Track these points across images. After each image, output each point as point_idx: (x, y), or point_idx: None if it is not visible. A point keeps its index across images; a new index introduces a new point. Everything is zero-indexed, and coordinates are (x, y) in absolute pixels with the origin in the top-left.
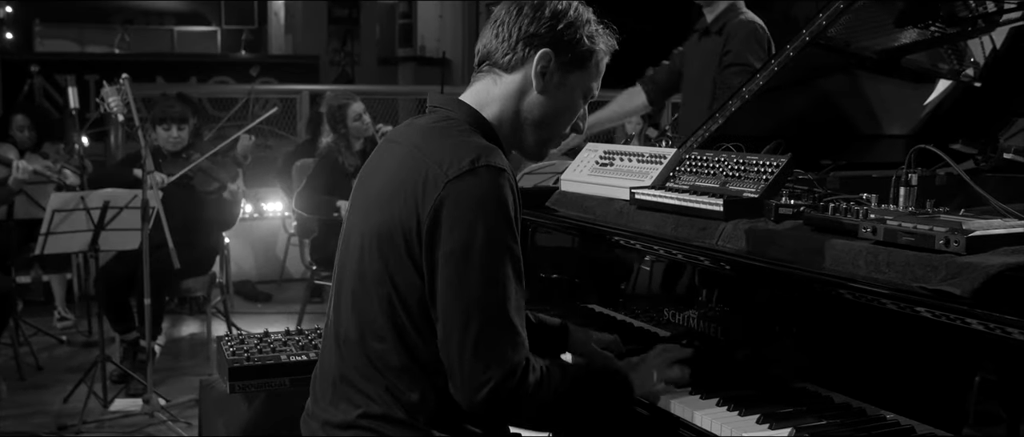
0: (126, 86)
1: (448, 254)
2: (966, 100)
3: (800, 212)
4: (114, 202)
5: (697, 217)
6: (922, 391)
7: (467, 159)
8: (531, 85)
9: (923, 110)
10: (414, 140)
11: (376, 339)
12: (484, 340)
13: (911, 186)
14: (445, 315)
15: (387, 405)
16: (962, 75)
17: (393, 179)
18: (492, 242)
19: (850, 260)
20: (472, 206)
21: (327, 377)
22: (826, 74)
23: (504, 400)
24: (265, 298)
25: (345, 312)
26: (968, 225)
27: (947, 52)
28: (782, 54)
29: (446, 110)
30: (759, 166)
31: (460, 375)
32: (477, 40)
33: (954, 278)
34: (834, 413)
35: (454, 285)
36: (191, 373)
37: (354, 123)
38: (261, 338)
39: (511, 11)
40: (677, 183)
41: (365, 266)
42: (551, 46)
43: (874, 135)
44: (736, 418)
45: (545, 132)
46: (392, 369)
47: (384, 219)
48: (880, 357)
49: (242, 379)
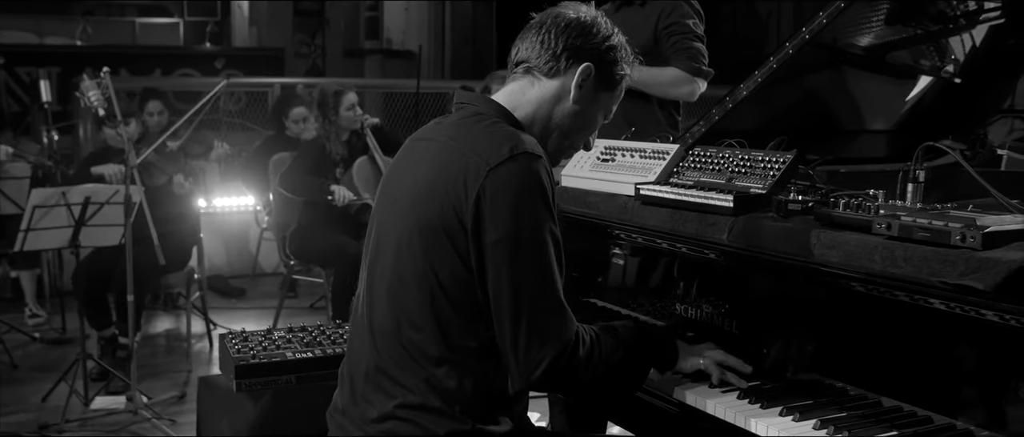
0: (107, 80)
1: (495, 243)
2: (945, 96)
3: (808, 208)
4: (95, 197)
5: (707, 213)
6: (935, 382)
7: (506, 147)
8: (568, 94)
9: (904, 106)
10: (448, 135)
11: (413, 329)
12: (536, 322)
13: (919, 182)
14: (497, 302)
15: (424, 394)
16: (942, 72)
17: (431, 174)
18: (535, 227)
19: (865, 255)
20: (514, 194)
21: (359, 369)
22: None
23: (558, 375)
24: (239, 293)
25: (380, 306)
26: (982, 221)
27: (929, 49)
28: (781, 52)
29: (475, 106)
30: (765, 162)
31: (515, 357)
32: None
33: (975, 273)
34: (853, 404)
35: (503, 273)
36: (170, 370)
37: (346, 112)
38: (265, 335)
39: (558, 23)
40: (682, 179)
41: (404, 263)
42: (594, 62)
43: (857, 130)
44: (755, 408)
45: (567, 141)
46: (430, 358)
47: (425, 214)
48: (891, 349)
49: (248, 377)
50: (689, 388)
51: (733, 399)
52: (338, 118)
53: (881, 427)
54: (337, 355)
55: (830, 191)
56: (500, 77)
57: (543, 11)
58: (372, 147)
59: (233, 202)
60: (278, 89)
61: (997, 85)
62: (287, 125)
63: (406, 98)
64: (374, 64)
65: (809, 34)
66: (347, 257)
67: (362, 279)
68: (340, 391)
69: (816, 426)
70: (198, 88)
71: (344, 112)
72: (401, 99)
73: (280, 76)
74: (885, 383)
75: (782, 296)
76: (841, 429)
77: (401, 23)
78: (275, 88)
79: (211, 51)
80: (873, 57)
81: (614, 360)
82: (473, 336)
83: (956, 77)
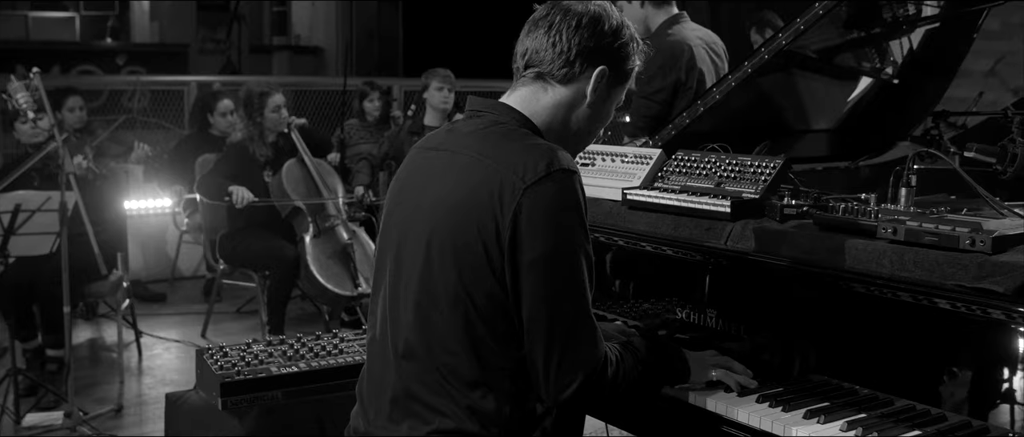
0: (37, 80)
1: (531, 262)
2: (883, 96)
3: (804, 212)
4: (26, 205)
5: (702, 218)
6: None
7: (542, 164)
8: (584, 99)
9: (846, 106)
10: (474, 147)
11: (447, 352)
12: (569, 343)
13: (911, 187)
14: (531, 321)
15: (460, 419)
16: (882, 73)
17: (462, 190)
18: (571, 247)
19: (873, 259)
20: (552, 212)
21: (383, 394)
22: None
23: (587, 396)
24: (159, 298)
25: (405, 326)
26: (987, 225)
27: (871, 52)
28: (756, 57)
29: (493, 114)
30: (756, 167)
31: (545, 377)
32: (519, 42)
33: (993, 277)
34: (869, 405)
35: (538, 292)
36: (100, 382)
37: (271, 114)
38: (244, 349)
39: (569, 21)
40: (667, 183)
41: (434, 278)
42: (607, 63)
43: (803, 130)
44: (780, 414)
45: (585, 140)
46: (465, 382)
47: (459, 231)
48: (897, 349)
49: (234, 394)
50: (709, 395)
51: (755, 404)
52: (263, 120)
53: (903, 427)
54: (323, 369)
55: (821, 195)
56: (441, 75)
57: (550, 5)
58: (301, 149)
59: (149, 204)
60: (194, 87)
61: (930, 86)
62: (212, 121)
63: (319, 96)
64: (282, 60)
65: (786, 40)
66: (283, 261)
67: (380, 297)
68: (362, 414)
69: (843, 428)
70: (109, 86)
71: (269, 113)
72: (314, 97)
73: (184, 73)
74: (893, 383)
75: (782, 299)
76: (870, 430)
77: (308, 19)
78: (191, 86)
79: (112, 47)
80: (821, 60)
81: (634, 377)
82: (508, 357)
83: (894, 78)
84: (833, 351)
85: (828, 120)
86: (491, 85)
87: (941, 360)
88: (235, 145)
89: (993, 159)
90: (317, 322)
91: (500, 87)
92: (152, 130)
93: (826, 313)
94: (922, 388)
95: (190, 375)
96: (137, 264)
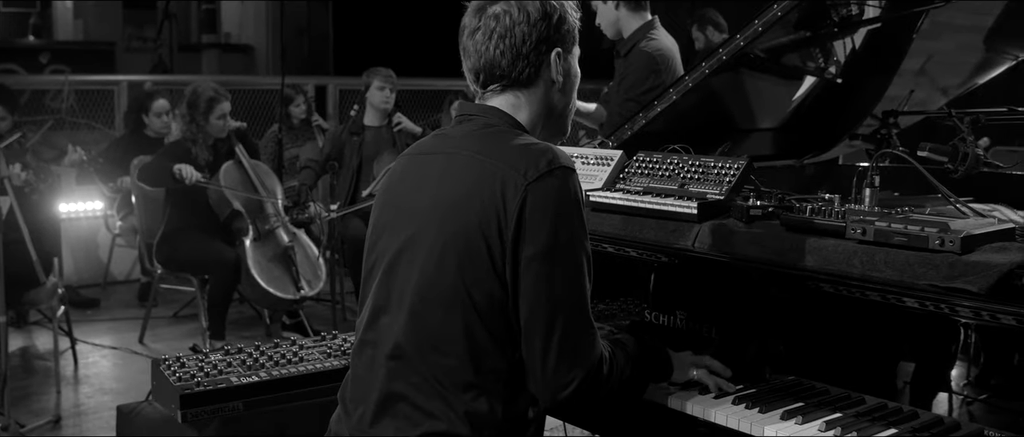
0: None
1: (532, 258)
2: (826, 95)
3: (770, 213)
4: None
5: (669, 219)
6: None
7: (543, 161)
8: (552, 84)
9: (790, 105)
10: (471, 147)
11: (440, 353)
12: (568, 342)
13: (875, 187)
14: (529, 318)
15: (451, 421)
16: (826, 72)
17: (461, 189)
18: (573, 244)
19: (844, 260)
20: (553, 209)
21: (369, 396)
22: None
23: (584, 395)
24: (92, 304)
25: (398, 327)
26: (953, 225)
27: (816, 51)
28: (714, 58)
29: (484, 117)
30: (719, 168)
31: (543, 375)
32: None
33: (966, 276)
34: (843, 404)
35: (540, 287)
36: (35, 392)
37: (216, 121)
38: (201, 359)
39: (505, 25)
40: (630, 184)
41: (433, 279)
42: (558, 44)
43: (749, 129)
44: (758, 415)
45: (570, 112)
46: (457, 384)
47: (457, 228)
48: (866, 348)
49: (195, 406)
50: (687, 398)
51: (732, 406)
52: (207, 125)
53: (879, 425)
54: (284, 378)
55: (785, 195)
56: (382, 74)
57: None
58: (239, 152)
59: (81, 207)
60: (126, 87)
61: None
62: (147, 121)
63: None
64: (212, 59)
65: (744, 41)
66: (223, 264)
67: (369, 299)
68: (345, 418)
69: (822, 428)
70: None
71: (215, 120)
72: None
73: (111, 72)
74: (861, 381)
75: (751, 300)
76: (848, 429)
77: (238, 16)
78: (122, 85)
79: (35, 45)
80: (769, 59)
81: (625, 376)
82: (503, 359)
83: (838, 78)
84: (802, 351)
85: (773, 119)
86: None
87: (907, 357)
88: (176, 144)
89: (945, 158)
90: (257, 326)
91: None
92: (80, 131)
93: (795, 313)
94: (893, 386)
95: (130, 383)
96: (68, 269)
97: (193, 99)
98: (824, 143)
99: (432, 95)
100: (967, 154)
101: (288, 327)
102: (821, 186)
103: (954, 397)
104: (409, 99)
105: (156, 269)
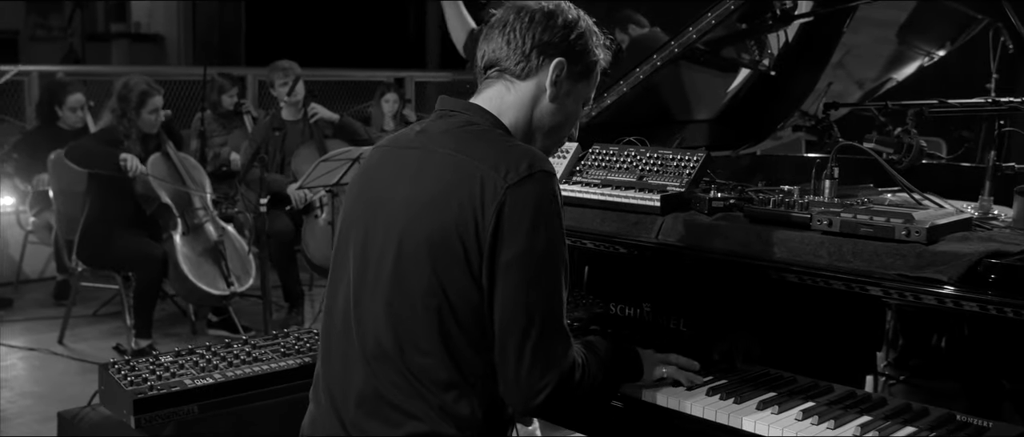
0: None
1: (509, 261)
2: (760, 87)
3: (732, 205)
4: None
5: (629, 212)
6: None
7: (524, 164)
8: (544, 93)
9: (726, 97)
10: (450, 144)
11: (420, 353)
12: (542, 347)
13: (834, 178)
14: (503, 323)
15: (434, 422)
16: (760, 65)
17: (437, 186)
18: (551, 250)
19: (811, 251)
20: (532, 212)
21: (348, 395)
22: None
23: (558, 401)
24: (5, 304)
25: (374, 325)
26: (916, 215)
27: (751, 44)
28: (666, 50)
29: (466, 114)
30: (678, 160)
31: (516, 381)
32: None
33: (934, 266)
34: (814, 392)
35: (515, 293)
36: None
37: (148, 115)
38: (152, 361)
39: (522, 18)
40: (587, 177)
41: (406, 277)
42: (564, 55)
43: (685, 120)
44: (733, 406)
45: (551, 140)
46: (439, 384)
47: (434, 227)
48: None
49: (149, 411)
50: (659, 390)
51: (706, 398)
52: (138, 119)
53: (852, 413)
54: (240, 378)
55: (744, 187)
56: (282, 70)
57: (503, 6)
58: (165, 143)
59: None
60: (36, 77)
61: (802, 77)
62: (61, 114)
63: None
64: (121, 48)
65: (696, 33)
66: (151, 260)
67: (339, 295)
68: (322, 418)
69: (798, 417)
70: None
71: (147, 114)
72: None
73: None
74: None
75: (717, 291)
76: (824, 418)
77: (147, 5)
78: (32, 76)
79: None
80: (707, 52)
81: (597, 382)
82: (481, 360)
83: (771, 70)
84: (769, 341)
85: (709, 110)
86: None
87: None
88: (107, 131)
89: (891, 149)
90: (182, 323)
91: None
92: None
93: (761, 304)
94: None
95: (52, 386)
96: None
97: (124, 93)
98: (758, 134)
99: (351, 85)
100: (912, 145)
101: (215, 324)
102: (755, 176)
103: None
104: (328, 90)
105: (76, 266)
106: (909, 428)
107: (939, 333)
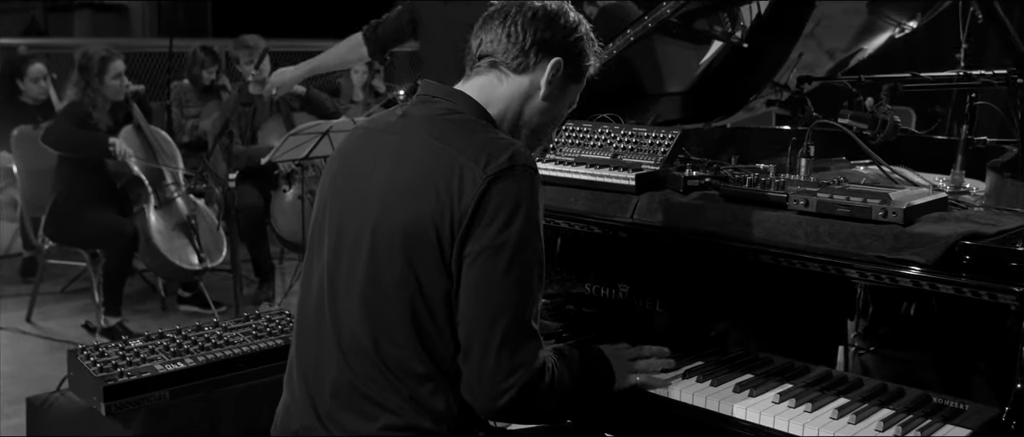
0: None
1: (479, 252)
2: (732, 59)
3: (707, 183)
4: None
5: (604, 191)
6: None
7: (505, 156)
8: (538, 91)
9: (698, 69)
10: (431, 131)
11: (394, 345)
12: (508, 344)
13: (810, 157)
14: (469, 316)
15: (410, 415)
16: (733, 37)
17: (415, 173)
18: (524, 245)
19: (787, 231)
20: (510, 206)
21: (322, 385)
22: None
23: (522, 405)
24: None
25: (349, 316)
26: (894, 195)
27: (724, 16)
28: (640, 25)
29: (449, 102)
30: (653, 138)
31: (479, 380)
32: (474, 35)
33: (912, 248)
34: (791, 374)
35: (482, 286)
36: None
37: (112, 81)
38: (122, 347)
39: (524, 13)
40: (560, 155)
41: (381, 266)
42: (562, 56)
43: (657, 93)
44: (710, 388)
45: (535, 138)
46: (414, 376)
47: (409, 215)
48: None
49: (119, 398)
50: None
51: (682, 381)
52: (102, 87)
53: (830, 395)
54: (211, 363)
55: (720, 166)
56: (247, 46)
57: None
58: (136, 116)
59: None
60: None
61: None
62: (23, 87)
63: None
64: (84, 19)
65: (670, 9)
66: (122, 236)
67: (314, 279)
68: (296, 407)
69: (776, 399)
70: None
71: (110, 80)
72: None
73: None
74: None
75: (694, 271)
76: (801, 400)
77: None
78: None
79: None
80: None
81: (568, 389)
82: (453, 353)
83: (744, 42)
84: (745, 321)
85: (681, 83)
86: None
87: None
88: (76, 104)
89: (865, 125)
90: (151, 299)
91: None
92: None
93: (737, 284)
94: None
95: (21, 365)
96: None
97: (85, 62)
98: (730, 106)
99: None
100: (886, 121)
101: (185, 300)
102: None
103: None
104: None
105: (43, 243)
106: (886, 410)
107: (915, 313)
